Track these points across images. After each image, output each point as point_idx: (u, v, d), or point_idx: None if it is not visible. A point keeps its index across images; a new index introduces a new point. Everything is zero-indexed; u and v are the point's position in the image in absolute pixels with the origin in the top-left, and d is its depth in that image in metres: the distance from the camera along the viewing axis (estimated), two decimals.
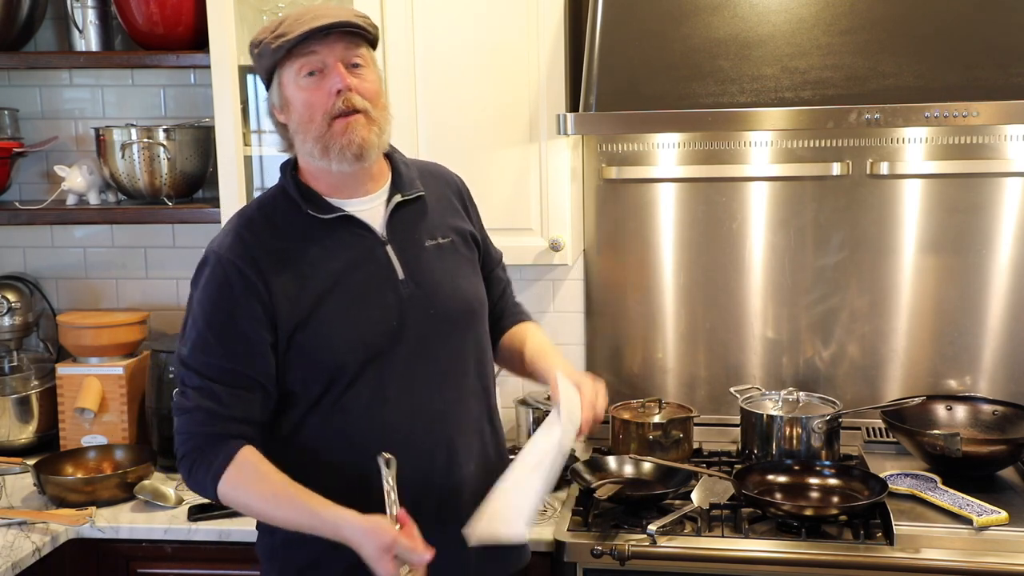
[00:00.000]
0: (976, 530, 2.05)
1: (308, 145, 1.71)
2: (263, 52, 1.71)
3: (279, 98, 1.73)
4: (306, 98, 1.69)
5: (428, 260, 1.80)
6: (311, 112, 1.69)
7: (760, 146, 2.61)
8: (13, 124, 2.83)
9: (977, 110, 2.09)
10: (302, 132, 1.72)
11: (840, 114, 2.14)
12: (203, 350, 1.70)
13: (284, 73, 1.71)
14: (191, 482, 1.74)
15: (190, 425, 1.72)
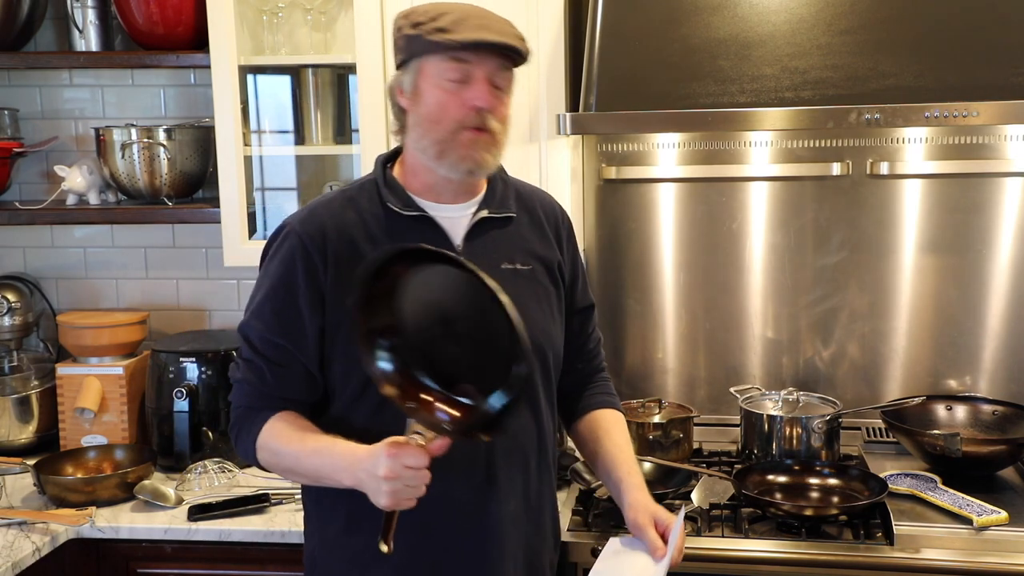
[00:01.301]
0: (976, 530, 2.05)
1: (425, 142, 1.68)
2: (415, 37, 1.65)
3: (412, 85, 1.68)
4: (443, 100, 1.65)
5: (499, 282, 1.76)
6: (443, 115, 1.65)
7: (760, 146, 2.61)
8: (13, 124, 2.83)
9: (977, 110, 2.09)
10: (424, 128, 1.68)
11: (840, 114, 2.14)
12: (260, 321, 1.71)
13: (428, 65, 1.65)
14: (239, 450, 1.76)
15: (238, 396, 1.74)
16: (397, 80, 1.71)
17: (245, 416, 1.72)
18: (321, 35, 2.67)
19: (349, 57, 2.50)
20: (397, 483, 1.50)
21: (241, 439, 1.73)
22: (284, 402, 1.71)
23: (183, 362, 2.60)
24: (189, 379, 2.59)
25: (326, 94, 2.64)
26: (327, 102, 2.64)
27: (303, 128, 2.66)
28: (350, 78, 2.62)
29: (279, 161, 2.76)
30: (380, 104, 2.46)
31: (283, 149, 2.76)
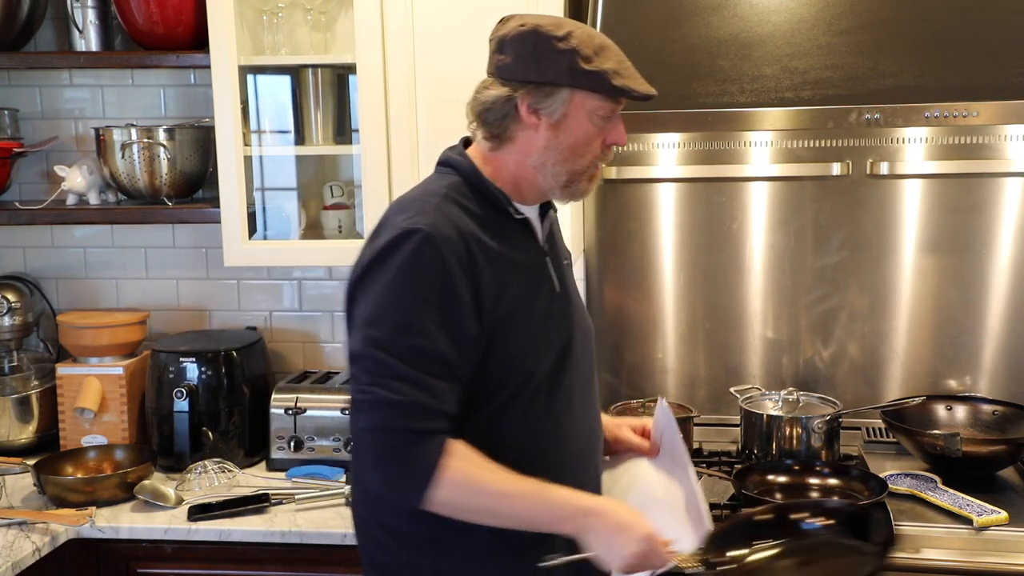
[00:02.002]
0: (976, 530, 2.05)
1: (556, 169, 1.66)
2: (587, 72, 1.59)
3: (558, 112, 1.62)
4: (591, 135, 1.65)
5: (568, 277, 1.80)
6: (586, 149, 1.65)
7: (760, 146, 2.61)
8: (13, 124, 2.83)
9: (977, 110, 2.09)
10: (562, 157, 1.65)
11: (840, 114, 2.14)
12: (412, 334, 1.53)
13: (583, 99, 1.62)
14: (393, 485, 1.56)
15: (395, 420, 1.52)
16: (534, 99, 1.62)
17: (408, 445, 1.53)
18: (321, 35, 2.67)
19: (349, 57, 2.50)
20: (636, 564, 1.57)
21: (404, 475, 1.54)
22: (448, 421, 1.56)
23: (183, 362, 2.60)
24: (189, 379, 2.59)
25: (326, 94, 2.64)
26: (327, 102, 2.64)
27: (303, 128, 2.66)
28: (350, 78, 2.62)
29: (279, 161, 2.76)
30: (380, 104, 2.46)
31: (283, 149, 2.76)
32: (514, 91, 1.64)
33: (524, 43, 1.62)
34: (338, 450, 2.57)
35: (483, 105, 1.68)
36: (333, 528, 2.26)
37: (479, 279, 1.58)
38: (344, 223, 2.71)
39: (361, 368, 1.56)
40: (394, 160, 2.48)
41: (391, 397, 1.52)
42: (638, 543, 1.56)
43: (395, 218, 1.62)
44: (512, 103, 1.64)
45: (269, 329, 2.91)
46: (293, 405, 2.60)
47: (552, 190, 1.70)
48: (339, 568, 2.26)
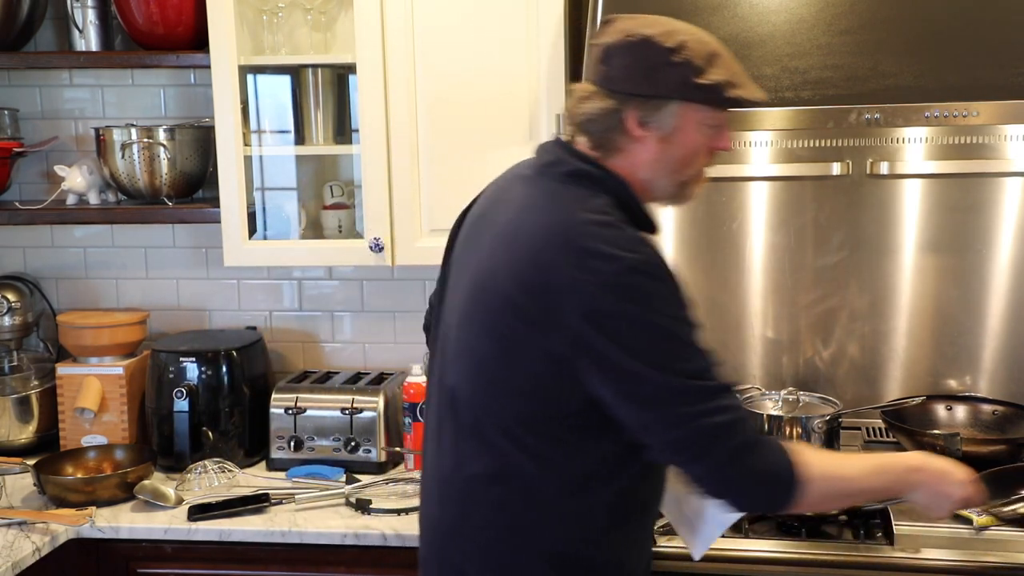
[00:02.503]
0: (976, 530, 2.05)
1: (664, 180, 1.65)
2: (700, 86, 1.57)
3: (668, 125, 1.60)
4: (699, 145, 1.63)
5: None
6: (694, 159, 1.65)
7: (760, 146, 2.61)
8: (13, 124, 2.83)
9: (977, 110, 2.09)
10: (672, 169, 1.64)
11: (840, 114, 2.14)
12: (707, 358, 1.55)
13: (694, 111, 1.60)
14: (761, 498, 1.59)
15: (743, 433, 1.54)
16: (645, 112, 1.59)
17: (767, 449, 1.57)
18: (321, 35, 2.67)
19: (349, 57, 2.50)
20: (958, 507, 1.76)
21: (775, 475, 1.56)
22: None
23: (183, 362, 2.60)
24: (189, 379, 2.59)
25: (326, 94, 2.64)
26: (327, 102, 2.64)
27: (303, 128, 2.66)
28: (350, 78, 2.62)
29: (279, 161, 2.76)
30: (380, 104, 2.46)
31: (283, 149, 2.76)
32: (622, 103, 1.59)
33: (634, 54, 1.58)
34: (338, 450, 2.57)
35: (586, 116, 1.62)
36: (333, 528, 2.26)
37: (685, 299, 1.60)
38: (344, 223, 2.71)
39: (681, 403, 1.51)
40: (394, 160, 2.48)
41: (725, 418, 1.51)
42: (961, 487, 1.70)
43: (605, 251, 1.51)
44: (619, 116, 1.60)
45: (269, 329, 2.91)
46: (293, 405, 2.60)
47: (660, 199, 1.69)
48: (339, 568, 2.26)
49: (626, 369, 1.50)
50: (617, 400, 1.53)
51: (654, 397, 1.50)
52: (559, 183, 1.62)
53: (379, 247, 2.50)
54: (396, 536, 2.23)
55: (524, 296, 1.54)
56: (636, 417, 1.53)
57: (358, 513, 2.33)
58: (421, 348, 2.76)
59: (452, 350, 1.69)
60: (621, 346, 1.49)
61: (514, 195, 1.69)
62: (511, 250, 1.58)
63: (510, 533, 1.63)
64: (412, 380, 2.58)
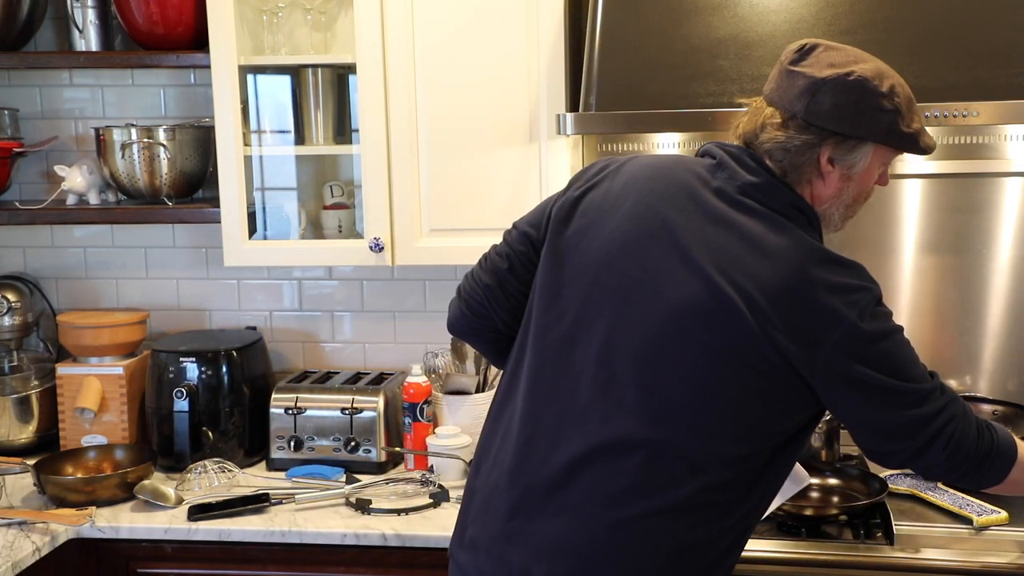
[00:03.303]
0: (976, 530, 2.05)
1: (837, 214, 1.67)
2: (903, 135, 1.60)
3: (859, 165, 1.61)
4: (872, 183, 1.67)
5: None
6: (867, 196, 1.68)
7: None
8: (13, 124, 2.83)
9: (977, 110, 2.09)
10: (845, 203, 1.66)
11: None
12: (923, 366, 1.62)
13: (885, 154, 1.64)
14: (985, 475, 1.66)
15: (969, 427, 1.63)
16: (838, 151, 1.60)
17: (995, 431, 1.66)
18: (321, 35, 2.67)
19: (349, 57, 2.50)
20: None
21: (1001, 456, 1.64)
22: None
23: (183, 362, 2.60)
24: (189, 379, 2.59)
25: (326, 94, 2.63)
26: (327, 102, 2.64)
27: (303, 128, 2.66)
28: (350, 78, 2.62)
29: (279, 161, 2.76)
30: (380, 104, 2.46)
31: (283, 149, 2.76)
32: (820, 138, 1.59)
33: (848, 94, 1.57)
34: (338, 450, 2.57)
35: (780, 145, 1.60)
36: (333, 528, 2.26)
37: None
38: (344, 223, 2.71)
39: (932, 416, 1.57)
40: (394, 160, 2.48)
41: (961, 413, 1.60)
42: None
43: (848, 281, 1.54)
44: (816, 151, 1.60)
45: (269, 329, 2.91)
46: (293, 405, 2.60)
47: (830, 229, 1.70)
48: (339, 568, 2.26)
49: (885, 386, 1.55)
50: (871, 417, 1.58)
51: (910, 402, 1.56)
52: (781, 215, 1.60)
53: (379, 247, 2.50)
54: (396, 536, 2.23)
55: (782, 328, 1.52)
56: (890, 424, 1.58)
57: (358, 513, 2.33)
58: (421, 348, 2.78)
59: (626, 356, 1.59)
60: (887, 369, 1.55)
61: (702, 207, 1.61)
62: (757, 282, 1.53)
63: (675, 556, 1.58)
64: (412, 380, 2.58)
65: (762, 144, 1.62)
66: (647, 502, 1.54)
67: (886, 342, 1.55)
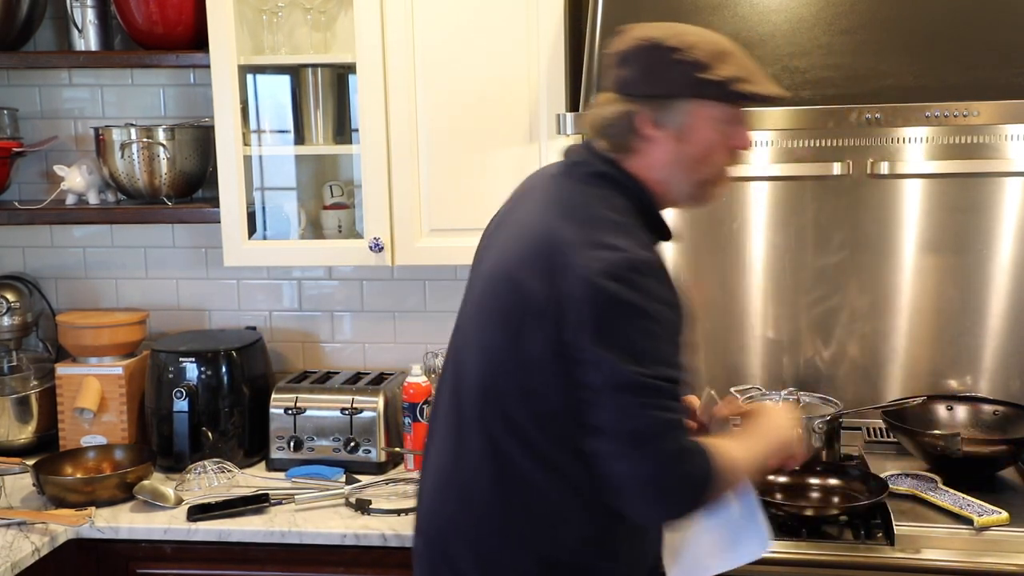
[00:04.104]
0: (976, 530, 2.05)
1: (686, 180, 1.66)
2: (706, 81, 1.59)
3: (678, 123, 1.62)
4: (716, 143, 1.64)
5: None
6: (713, 158, 1.65)
7: (760, 146, 2.61)
8: (12, 124, 2.83)
9: (977, 110, 2.08)
10: (688, 168, 1.65)
11: (840, 114, 2.14)
12: (673, 366, 1.56)
13: (708, 109, 1.62)
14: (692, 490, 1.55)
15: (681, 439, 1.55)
16: (653, 111, 1.62)
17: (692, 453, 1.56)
18: (321, 35, 2.67)
19: (349, 57, 2.50)
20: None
21: (698, 477, 1.55)
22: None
23: (183, 362, 2.60)
24: (189, 379, 2.59)
25: (326, 94, 2.63)
26: (327, 102, 2.64)
27: (303, 128, 2.66)
28: (350, 78, 2.62)
29: (279, 161, 2.76)
30: (380, 104, 2.45)
31: (283, 149, 2.76)
32: (635, 106, 1.63)
33: (643, 57, 1.63)
34: (338, 450, 2.57)
35: (604, 121, 1.66)
36: (333, 528, 2.26)
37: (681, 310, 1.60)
38: (344, 223, 2.71)
39: (632, 395, 1.52)
40: (394, 160, 2.48)
41: (670, 417, 1.53)
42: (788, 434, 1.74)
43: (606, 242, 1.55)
44: (631, 118, 1.63)
45: (269, 329, 2.91)
46: (293, 405, 2.60)
47: (680, 201, 1.70)
48: (338, 568, 2.26)
49: (603, 356, 1.52)
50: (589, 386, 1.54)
51: (623, 383, 1.51)
52: (583, 183, 1.67)
53: (379, 247, 2.50)
54: (396, 536, 2.23)
55: (535, 285, 1.56)
56: (600, 402, 1.53)
57: (358, 513, 2.32)
58: (421, 348, 2.78)
59: (464, 343, 1.73)
60: (609, 333, 1.52)
61: (538, 193, 1.73)
62: (528, 242, 1.62)
63: (506, 534, 1.64)
64: (412, 380, 2.57)
65: (596, 126, 1.68)
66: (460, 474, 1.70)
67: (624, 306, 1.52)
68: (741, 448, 1.66)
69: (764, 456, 1.70)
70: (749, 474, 1.67)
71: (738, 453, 1.64)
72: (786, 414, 1.81)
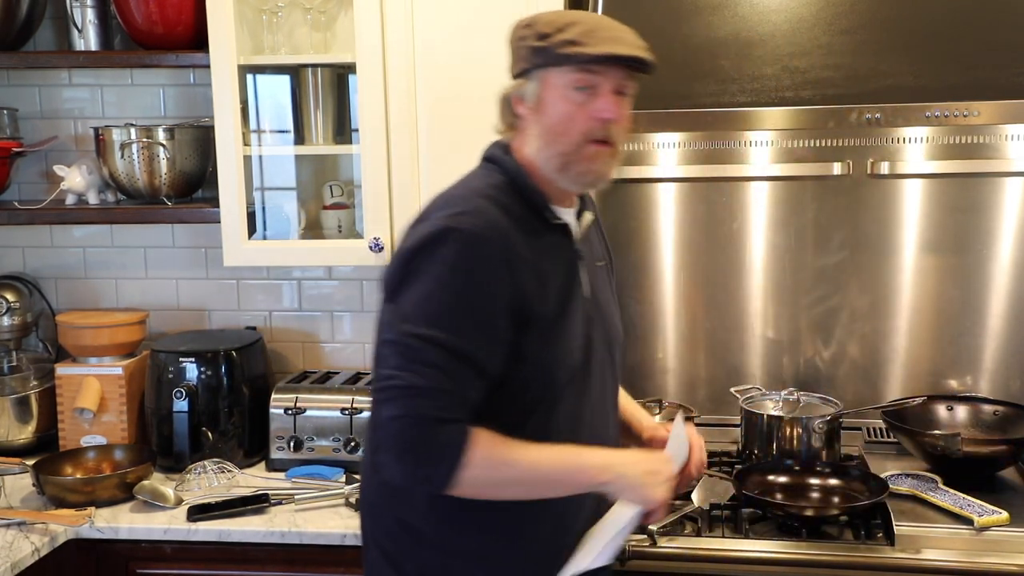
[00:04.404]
0: (977, 530, 2.04)
1: (548, 153, 1.67)
2: (542, 49, 1.63)
3: (534, 96, 1.66)
4: (569, 112, 1.64)
5: (601, 282, 1.80)
6: (568, 127, 1.64)
7: (760, 146, 2.61)
8: (12, 124, 2.83)
9: (977, 110, 2.09)
10: (548, 140, 1.67)
11: (841, 114, 2.14)
12: (447, 327, 1.54)
13: (554, 77, 1.64)
14: (418, 473, 1.55)
15: (420, 407, 1.53)
16: (517, 89, 1.69)
17: (433, 432, 1.53)
18: (321, 35, 2.67)
19: (349, 57, 2.50)
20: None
21: (425, 460, 1.54)
22: (469, 413, 1.57)
23: (183, 362, 2.60)
24: (189, 379, 2.59)
25: (326, 94, 2.63)
26: (327, 102, 2.64)
27: (303, 128, 2.66)
28: (350, 78, 2.62)
29: (279, 161, 2.76)
30: (380, 104, 2.45)
31: (283, 149, 2.76)
32: (510, 88, 1.72)
33: (510, 40, 1.73)
34: (338, 450, 2.57)
35: (499, 106, 1.76)
36: (333, 528, 2.26)
37: (515, 283, 1.59)
38: (344, 223, 2.71)
39: (393, 351, 1.56)
40: (394, 160, 2.48)
41: (419, 383, 1.53)
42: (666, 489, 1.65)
43: (438, 213, 1.62)
44: (509, 99, 1.72)
45: (269, 329, 2.91)
46: (293, 405, 2.60)
47: (555, 178, 1.69)
48: (339, 568, 2.26)
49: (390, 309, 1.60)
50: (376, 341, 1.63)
51: (390, 339, 1.57)
52: (478, 167, 1.78)
53: (379, 247, 2.50)
54: None
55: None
56: (376, 355, 1.61)
57: (358, 513, 2.32)
58: None
59: None
60: (401, 292, 1.59)
61: None
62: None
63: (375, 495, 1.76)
64: None
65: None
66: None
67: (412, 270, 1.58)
68: (549, 457, 1.61)
69: (578, 481, 1.63)
70: (541, 484, 1.63)
71: (532, 457, 1.60)
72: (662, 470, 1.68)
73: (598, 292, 1.77)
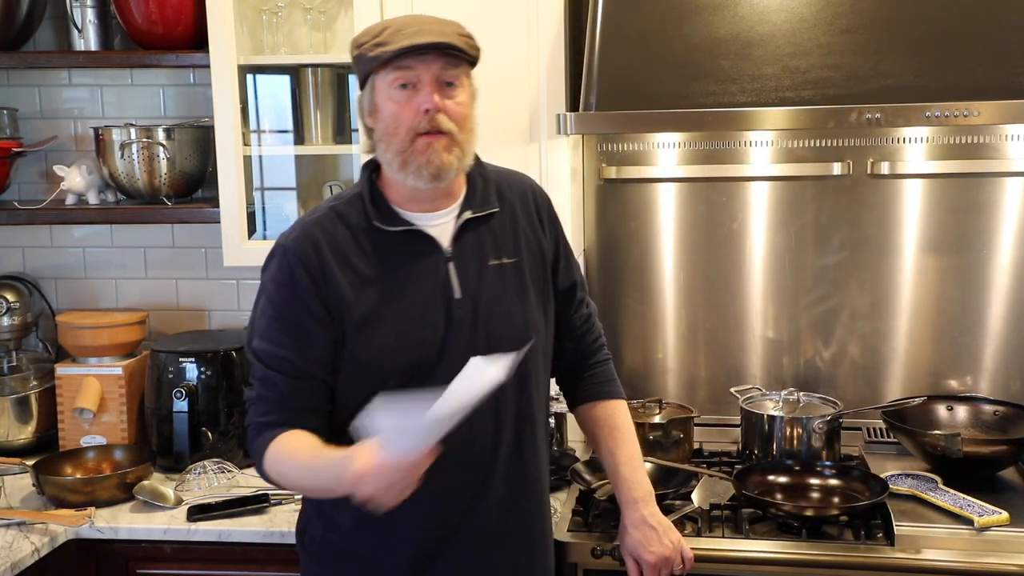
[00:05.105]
0: (977, 531, 2.04)
1: (389, 156, 1.71)
2: (361, 57, 1.70)
3: (369, 103, 1.73)
4: (395, 111, 1.68)
5: (488, 280, 1.78)
6: (397, 125, 1.68)
7: (760, 146, 2.61)
8: (12, 124, 2.83)
9: (978, 110, 2.08)
10: (385, 142, 1.71)
11: (841, 114, 2.14)
12: (267, 340, 1.74)
13: (378, 80, 1.70)
14: (259, 470, 1.77)
15: (252, 414, 1.75)
16: (360, 103, 1.76)
17: (257, 432, 1.74)
18: (321, 35, 2.67)
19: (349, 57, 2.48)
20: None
21: (254, 456, 1.75)
22: (303, 414, 1.73)
23: (182, 362, 2.60)
24: (188, 379, 2.59)
25: (326, 94, 2.63)
26: (327, 102, 2.64)
27: (303, 128, 2.66)
28: (350, 78, 2.62)
29: (279, 161, 2.76)
30: None
31: (283, 149, 2.76)
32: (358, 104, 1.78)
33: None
34: None
35: None
36: None
37: (328, 291, 1.71)
38: None
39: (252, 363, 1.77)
40: None
41: (251, 395, 1.76)
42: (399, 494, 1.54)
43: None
44: (362, 114, 1.77)
45: None
46: None
47: (401, 178, 1.72)
48: None
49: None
50: None
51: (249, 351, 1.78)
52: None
53: None
54: None
55: None
56: None
57: None
58: None
59: None
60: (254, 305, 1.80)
61: None
62: None
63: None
64: None
65: None
66: None
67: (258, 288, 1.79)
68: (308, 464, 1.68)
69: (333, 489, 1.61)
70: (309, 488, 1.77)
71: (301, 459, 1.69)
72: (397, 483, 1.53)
73: (483, 291, 1.76)
